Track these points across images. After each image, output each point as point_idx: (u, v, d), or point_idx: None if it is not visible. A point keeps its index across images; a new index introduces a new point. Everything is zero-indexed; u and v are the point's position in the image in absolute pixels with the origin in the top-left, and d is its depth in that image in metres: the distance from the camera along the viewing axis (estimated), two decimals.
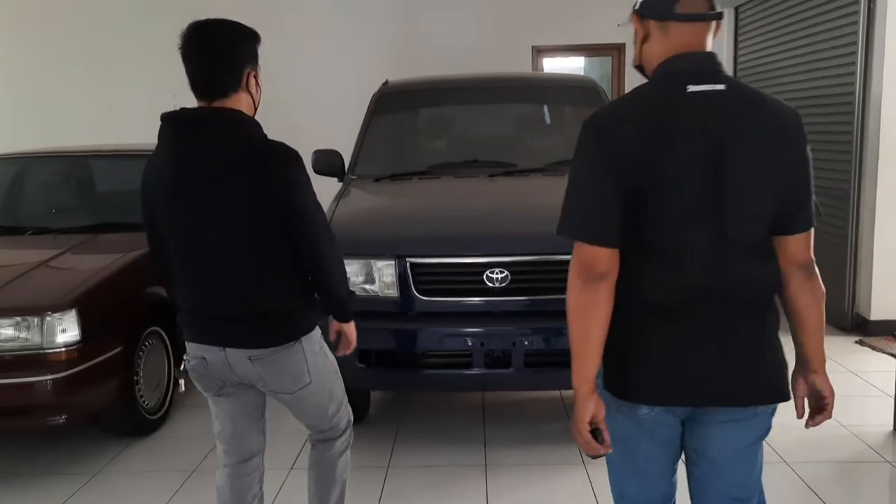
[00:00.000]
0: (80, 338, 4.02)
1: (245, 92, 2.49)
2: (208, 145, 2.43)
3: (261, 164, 2.42)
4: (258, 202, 2.44)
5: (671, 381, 2.00)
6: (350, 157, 5.30)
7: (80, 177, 5.97)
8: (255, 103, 2.55)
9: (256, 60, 2.53)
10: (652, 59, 2.00)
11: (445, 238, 4.07)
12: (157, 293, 4.78)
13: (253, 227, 2.47)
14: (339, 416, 2.94)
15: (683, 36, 1.96)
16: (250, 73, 2.50)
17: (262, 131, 2.50)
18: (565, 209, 2.00)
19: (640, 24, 2.02)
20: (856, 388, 5.10)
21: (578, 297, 1.96)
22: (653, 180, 1.89)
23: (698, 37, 1.97)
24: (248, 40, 2.52)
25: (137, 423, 4.58)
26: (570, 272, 1.98)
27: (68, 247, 4.89)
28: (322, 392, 2.78)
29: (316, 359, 2.70)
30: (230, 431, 2.80)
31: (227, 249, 2.50)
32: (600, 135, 1.93)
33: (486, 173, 4.91)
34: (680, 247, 1.93)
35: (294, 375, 2.65)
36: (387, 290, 3.97)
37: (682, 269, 1.93)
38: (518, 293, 3.92)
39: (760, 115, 1.95)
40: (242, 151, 2.43)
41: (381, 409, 4.91)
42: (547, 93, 5.88)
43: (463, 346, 3.89)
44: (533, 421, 4.68)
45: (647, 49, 2.02)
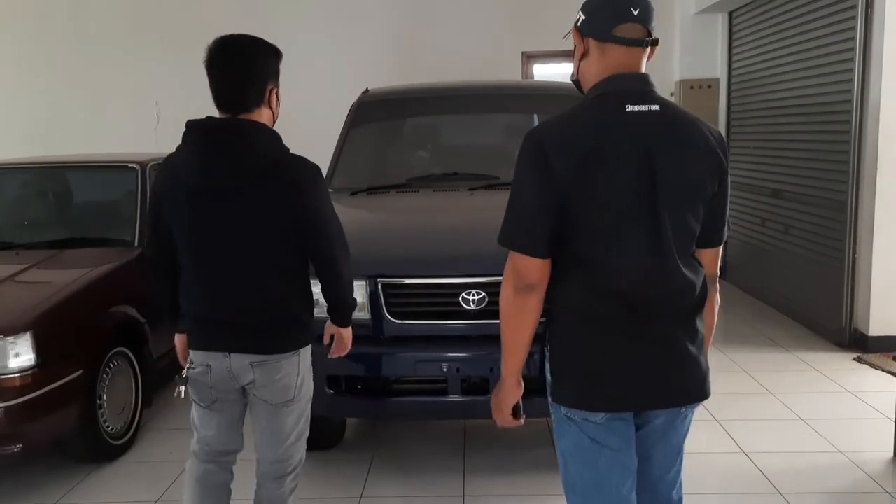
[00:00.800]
0: (36, 362, 3.82)
1: (266, 107, 2.61)
2: (235, 155, 2.52)
3: (284, 176, 2.54)
4: (280, 212, 2.56)
5: (621, 387, 2.10)
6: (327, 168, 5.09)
7: (48, 189, 5.78)
8: (274, 118, 2.66)
9: (278, 77, 2.64)
10: (589, 76, 2.12)
11: (419, 257, 3.86)
12: (124, 312, 4.61)
13: (273, 237, 2.59)
14: (295, 447, 2.90)
15: (621, 58, 2.06)
16: (272, 90, 2.62)
17: (284, 144, 2.60)
18: (504, 219, 2.12)
19: (581, 41, 2.13)
20: (854, 410, 4.89)
21: (509, 303, 2.14)
22: (587, 198, 2.00)
23: (634, 59, 2.07)
24: (272, 57, 2.63)
25: (100, 450, 4.35)
26: (503, 278, 2.14)
27: (30, 263, 4.69)
28: (298, 412, 2.83)
29: (305, 376, 2.81)
30: (212, 436, 2.85)
31: (246, 258, 2.61)
32: (538, 152, 2.02)
33: (467, 187, 4.71)
34: (618, 260, 2.03)
35: (285, 386, 2.73)
36: (357, 312, 3.72)
37: (621, 280, 2.04)
38: (496, 316, 3.66)
39: (690, 134, 2.06)
40: (267, 163, 2.53)
41: (356, 434, 4.70)
42: (531, 101, 5.67)
43: (438, 372, 3.68)
44: (515, 447, 4.46)
45: (584, 66, 2.14)
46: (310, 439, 4.31)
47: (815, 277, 6.56)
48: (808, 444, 4.38)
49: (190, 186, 2.55)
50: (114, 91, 9.35)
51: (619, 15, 2.04)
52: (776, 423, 4.71)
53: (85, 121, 9.35)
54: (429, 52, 9.12)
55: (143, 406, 4.75)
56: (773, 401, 5.04)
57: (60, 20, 9.49)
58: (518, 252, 2.08)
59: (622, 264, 2.03)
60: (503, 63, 9.07)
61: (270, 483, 2.88)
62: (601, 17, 2.07)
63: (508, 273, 2.12)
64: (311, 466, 4.28)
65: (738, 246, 8.59)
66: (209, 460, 2.89)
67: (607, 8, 2.07)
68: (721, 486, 3.96)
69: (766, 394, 5.18)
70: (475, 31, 9.22)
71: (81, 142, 8.41)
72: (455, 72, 8.02)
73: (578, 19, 2.12)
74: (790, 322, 6.93)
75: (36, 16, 9.50)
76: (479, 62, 8.79)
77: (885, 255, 5.81)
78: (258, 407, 2.78)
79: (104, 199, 5.70)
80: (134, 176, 5.28)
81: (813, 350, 6.08)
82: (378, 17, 9.32)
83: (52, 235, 5.22)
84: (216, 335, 2.68)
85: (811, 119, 6.71)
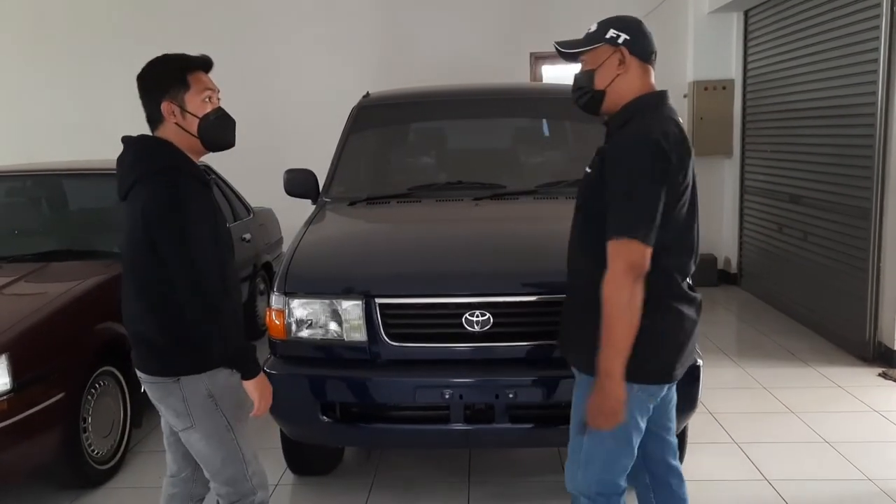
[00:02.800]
0: (12, 386, 3.60)
1: (168, 122, 2.58)
2: (119, 170, 2.63)
3: (138, 195, 2.51)
4: (134, 229, 2.53)
5: (680, 359, 2.53)
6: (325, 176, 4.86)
7: (36, 198, 5.57)
8: (187, 131, 2.58)
9: (172, 91, 2.56)
10: (627, 91, 2.49)
11: (419, 275, 3.60)
12: (112, 328, 4.37)
13: (133, 252, 2.58)
14: (231, 481, 2.75)
15: (651, 77, 2.54)
16: (168, 104, 2.56)
17: (168, 161, 2.54)
18: (621, 212, 2.34)
19: (624, 58, 2.48)
20: (883, 432, 4.62)
21: (629, 295, 2.31)
22: (680, 190, 2.40)
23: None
24: (164, 73, 2.58)
25: (85, 476, 4.12)
26: (614, 273, 2.32)
27: (14, 278, 4.47)
28: (207, 444, 2.70)
29: (201, 408, 2.64)
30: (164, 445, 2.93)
31: (125, 270, 2.67)
32: (660, 149, 2.34)
33: (472, 196, 4.45)
34: (689, 244, 2.51)
35: (175, 412, 2.67)
36: (353, 333, 3.51)
37: (691, 263, 2.53)
38: (501, 338, 3.45)
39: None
40: (133, 180, 2.55)
41: (355, 458, 4.44)
42: (539, 105, 5.42)
43: (439, 398, 3.41)
44: (520, 474, 4.21)
45: (624, 82, 2.49)
46: (306, 464, 4.17)
47: (836, 287, 6.30)
48: (835, 471, 4.12)
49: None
50: (112, 96, 9.14)
51: (652, 43, 2.54)
52: (799, 445, 4.44)
53: (82, 126, 9.19)
54: (434, 53, 8.90)
55: (133, 427, 4.53)
56: (794, 421, 4.78)
57: (58, 24, 9.32)
58: (642, 242, 2.30)
59: (692, 248, 2.51)
60: (511, 64, 8.85)
61: None
62: (646, 41, 2.51)
63: (623, 267, 2.30)
64: (307, 492, 4.11)
65: (753, 252, 8.34)
66: (167, 483, 2.97)
67: (645, 35, 2.52)
68: None
69: (786, 413, 4.91)
70: (482, 32, 9.00)
71: (79, 148, 8.24)
72: (461, 74, 7.86)
73: (618, 37, 2.48)
74: (810, 333, 6.66)
75: (34, 19, 9.34)
76: (485, 64, 8.59)
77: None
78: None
79: (94, 208, 5.48)
80: None
81: (835, 364, 5.81)
82: (381, 17, 9.10)
83: (38, 247, 5.00)
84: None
85: (832, 122, 6.44)
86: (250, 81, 8.60)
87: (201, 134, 2.58)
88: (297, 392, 3.53)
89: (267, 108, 8.88)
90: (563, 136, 5.39)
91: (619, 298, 2.30)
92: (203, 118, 2.57)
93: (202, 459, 2.75)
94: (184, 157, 2.59)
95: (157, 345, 2.62)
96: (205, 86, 2.59)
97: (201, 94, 2.57)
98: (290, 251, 3.86)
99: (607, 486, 2.59)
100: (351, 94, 5.64)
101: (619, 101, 2.50)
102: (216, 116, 2.60)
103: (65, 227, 5.41)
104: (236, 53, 2.45)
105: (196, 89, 2.56)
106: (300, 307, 3.57)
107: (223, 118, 2.63)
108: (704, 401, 4.88)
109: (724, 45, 8.60)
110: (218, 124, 2.61)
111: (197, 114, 2.57)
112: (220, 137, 2.64)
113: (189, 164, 2.60)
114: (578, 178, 4.58)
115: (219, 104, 2.63)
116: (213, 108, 2.61)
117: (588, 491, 2.59)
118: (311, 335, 3.58)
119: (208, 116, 2.58)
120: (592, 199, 2.49)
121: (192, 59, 2.61)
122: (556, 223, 4.17)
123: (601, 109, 2.56)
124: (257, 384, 2.64)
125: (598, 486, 2.58)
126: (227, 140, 2.67)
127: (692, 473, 4.03)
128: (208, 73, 2.63)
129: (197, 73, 2.58)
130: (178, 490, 2.91)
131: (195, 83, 2.57)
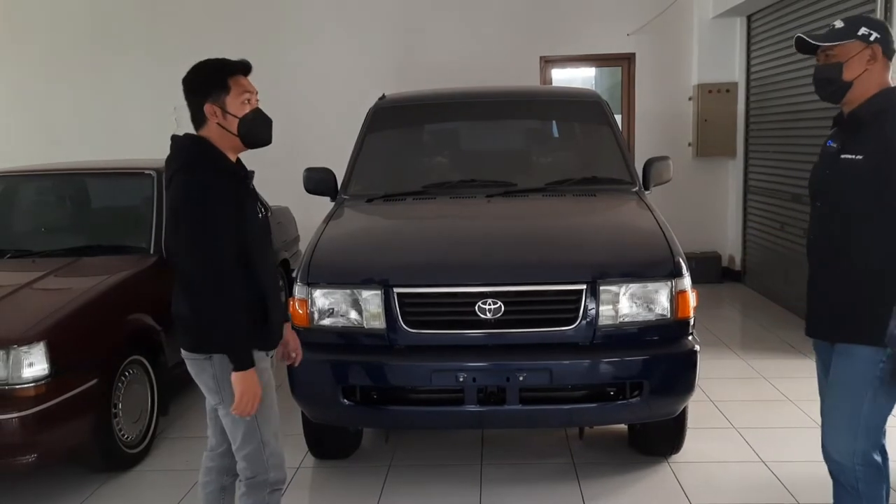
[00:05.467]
0: (50, 372, 3.81)
1: (211, 123, 2.78)
2: (165, 165, 2.88)
3: (172, 186, 2.78)
4: (169, 217, 2.87)
5: None
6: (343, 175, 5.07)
7: (67, 196, 5.77)
8: (228, 130, 2.78)
9: (216, 92, 2.76)
10: (870, 85, 2.73)
11: (434, 266, 3.82)
12: (140, 320, 4.59)
13: (169, 237, 3.05)
14: (249, 458, 2.90)
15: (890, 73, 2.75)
16: (210, 106, 2.76)
17: (202, 160, 2.76)
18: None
19: (876, 55, 2.70)
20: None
21: None
22: None
23: None
24: (201, 77, 2.80)
25: (115, 459, 4.34)
26: None
27: (47, 271, 4.67)
28: (231, 420, 2.86)
29: (229, 385, 2.76)
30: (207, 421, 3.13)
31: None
32: None
33: (484, 194, 4.65)
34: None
35: (208, 388, 2.89)
36: (373, 321, 3.72)
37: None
38: (512, 325, 3.66)
39: None
40: (170, 174, 2.80)
41: (373, 443, 4.65)
42: (548, 107, 5.63)
43: (454, 382, 3.62)
44: (532, 456, 4.42)
45: (870, 76, 2.72)
46: (326, 449, 4.37)
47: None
48: None
49: None
50: (133, 97, 9.36)
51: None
52: (794, 430, 4.64)
53: (105, 127, 9.38)
54: (446, 57, 9.06)
55: (160, 414, 4.75)
56: (791, 408, 4.97)
57: (80, 28, 9.49)
58: None
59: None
60: (521, 68, 9.01)
61: (240, 485, 2.97)
62: (892, 40, 2.72)
63: None
64: (327, 476, 4.30)
65: (756, 250, 8.52)
66: (206, 457, 3.18)
67: (892, 35, 2.73)
68: (739, 495, 3.90)
69: (784, 401, 5.11)
70: (493, 36, 9.16)
71: (101, 148, 8.47)
72: (472, 77, 8.02)
73: (870, 35, 2.68)
74: None
75: (57, 24, 9.50)
76: (496, 67, 8.74)
77: None
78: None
79: (121, 206, 5.69)
80: (150, 183, 5.28)
81: None
82: (395, 22, 9.27)
83: (69, 243, 5.20)
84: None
85: (832, 123, 6.60)
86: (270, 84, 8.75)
87: (241, 133, 2.78)
88: (319, 377, 3.74)
89: (287, 109, 9.06)
90: (571, 136, 5.60)
91: None
92: (242, 118, 2.77)
93: (229, 434, 2.94)
94: (216, 153, 2.80)
95: (189, 323, 2.83)
96: (244, 88, 2.78)
97: (240, 97, 2.76)
98: (312, 244, 4.07)
99: (878, 445, 2.84)
100: (368, 95, 5.82)
101: (864, 94, 2.74)
102: (254, 116, 2.79)
103: (94, 223, 5.60)
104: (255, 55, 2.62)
105: (235, 92, 2.76)
106: (322, 297, 3.79)
107: (261, 118, 2.83)
108: (706, 389, 5.12)
109: (727, 49, 8.76)
110: (256, 124, 2.81)
111: (237, 114, 2.76)
112: (258, 135, 2.84)
113: (221, 159, 2.80)
114: (585, 176, 4.88)
115: (257, 105, 2.82)
116: (252, 108, 2.80)
117: (863, 459, 2.80)
118: (333, 323, 3.80)
119: (247, 116, 2.77)
120: (861, 182, 2.70)
121: (233, 64, 2.80)
122: (563, 218, 4.42)
123: (843, 100, 2.79)
124: (241, 379, 2.70)
125: (875, 446, 2.82)
126: (263, 137, 2.86)
127: (693, 456, 4.27)
128: (248, 76, 2.83)
129: (236, 77, 2.78)
130: (215, 464, 3.11)
131: (235, 86, 2.76)
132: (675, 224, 4.24)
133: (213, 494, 3.12)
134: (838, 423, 2.84)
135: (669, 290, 3.69)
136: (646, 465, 4.24)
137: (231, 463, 3.05)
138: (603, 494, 3.95)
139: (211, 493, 3.12)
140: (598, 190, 4.77)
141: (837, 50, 2.74)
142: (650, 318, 3.70)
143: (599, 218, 4.49)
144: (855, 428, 2.78)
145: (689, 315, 3.73)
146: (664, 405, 3.78)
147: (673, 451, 4.28)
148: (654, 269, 3.75)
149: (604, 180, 4.89)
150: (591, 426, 4.35)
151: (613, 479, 4.12)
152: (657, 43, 8.96)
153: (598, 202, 4.65)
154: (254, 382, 2.73)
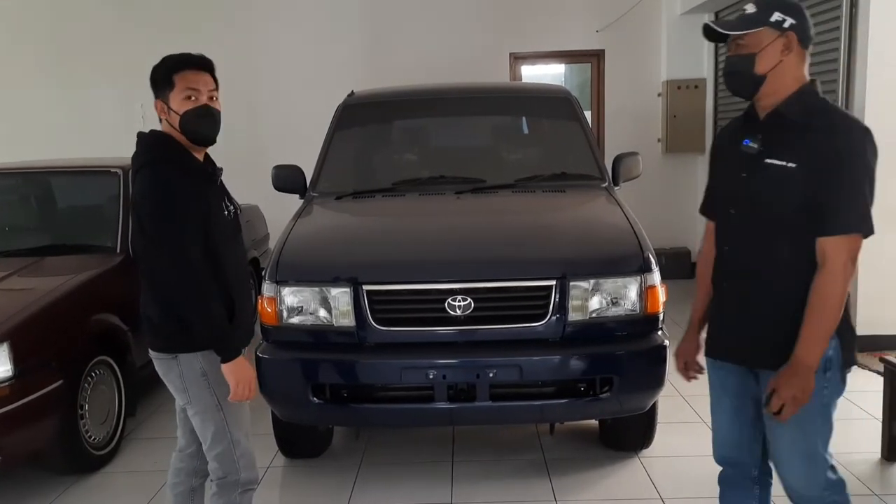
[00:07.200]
0: (13, 373, 3.77)
1: (162, 118, 2.83)
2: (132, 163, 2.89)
3: (135, 183, 2.79)
4: (136, 219, 2.80)
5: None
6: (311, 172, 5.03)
7: (31, 195, 5.70)
8: (174, 126, 2.78)
9: (160, 89, 2.79)
10: (788, 77, 2.41)
11: (404, 263, 3.81)
12: (107, 320, 4.54)
13: (134, 235, 2.90)
14: (219, 458, 2.88)
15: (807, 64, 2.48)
16: (157, 104, 2.82)
17: (157, 153, 2.77)
18: (855, 209, 2.31)
19: (790, 43, 2.39)
20: (840, 410, 4.78)
21: (847, 286, 2.34)
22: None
23: None
24: (153, 74, 2.81)
25: (82, 461, 4.30)
26: (838, 268, 2.31)
27: (10, 271, 4.62)
28: (200, 419, 2.87)
29: (196, 385, 2.81)
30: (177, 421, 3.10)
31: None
32: (874, 145, 2.33)
33: (454, 190, 4.64)
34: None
35: (175, 388, 2.89)
36: (342, 318, 3.70)
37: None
38: (482, 322, 3.65)
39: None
40: (134, 171, 2.81)
41: (344, 441, 4.63)
42: (518, 104, 5.63)
43: (424, 379, 3.61)
44: (502, 453, 4.42)
45: (787, 66, 2.40)
46: (296, 447, 4.35)
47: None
48: None
49: None
50: (99, 95, 9.25)
51: (812, 28, 2.45)
52: None
53: (70, 125, 9.24)
54: (415, 53, 9.04)
55: (127, 415, 4.69)
56: None
57: (44, 22, 9.36)
58: (864, 236, 2.34)
59: None
60: (491, 64, 9.01)
61: (212, 485, 2.96)
62: (809, 26, 2.43)
63: (848, 261, 2.31)
64: (297, 475, 4.27)
65: None
66: (177, 458, 3.15)
67: (808, 20, 2.43)
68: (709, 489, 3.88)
69: None
70: (462, 32, 9.14)
71: (68, 146, 8.33)
72: (442, 73, 7.97)
73: (783, 21, 2.37)
74: None
75: (18, 17, 9.36)
76: (465, 63, 8.73)
77: (870, 255, 5.71)
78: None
79: (87, 204, 5.63)
80: (116, 181, 5.22)
81: None
82: (361, 17, 9.23)
83: (33, 242, 5.15)
84: None
85: None
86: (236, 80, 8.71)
87: (182, 129, 2.75)
88: (288, 375, 3.73)
89: (256, 106, 9.01)
90: (541, 132, 5.60)
91: (843, 292, 2.33)
92: (183, 114, 2.73)
93: (199, 434, 2.92)
94: (180, 149, 2.78)
95: (156, 323, 2.82)
96: (188, 84, 2.73)
97: (183, 93, 2.73)
98: (281, 242, 4.04)
99: (829, 462, 2.58)
100: (336, 92, 5.78)
101: (780, 89, 2.43)
102: (195, 114, 2.74)
103: (59, 222, 5.54)
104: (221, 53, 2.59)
105: (179, 87, 2.73)
106: (291, 294, 3.76)
107: (202, 115, 2.76)
108: (676, 384, 5.11)
109: (695, 45, 8.80)
110: (195, 121, 2.75)
111: (178, 111, 2.73)
112: (199, 132, 2.77)
113: (184, 155, 2.79)
114: (554, 172, 4.87)
115: (207, 102, 2.77)
116: (196, 105, 2.74)
117: (826, 483, 2.56)
118: (302, 321, 3.77)
119: (188, 113, 2.73)
120: (790, 192, 2.38)
121: (182, 60, 2.77)
122: (532, 214, 4.42)
123: (757, 95, 2.48)
124: (233, 368, 2.72)
125: (831, 471, 2.57)
126: (203, 135, 2.79)
127: (664, 451, 4.29)
128: (207, 73, 2.79)
129: (184, 73, 2.74)
130: (184, 465, 3.08)
131: (180, 82, 2.73)
132: (645, 220, 4.25)
133: (182, 496, 3.09)
134: (798, 462, 2.57)
135: (639, 286, 3.70)
136: (616, 460, 4.26)
137: (201, 465, 3.03)
138: (574, 489, 3.96)
139: (180, 494, 3.09)
140: (568, 186, 4.77)
141: (748, 39, 2.41)
142: (620, 313, 3.71)
143: (569, 214, 4.49)
144: (815, 460, 2.54)
145: (658, 310, 3.74)
146: (634, 400, 3.79)
147: (643, 445, 4.31)
148: (624, 264, 3.76)
149: (573, 176, 4.89)
150: (562, 422, 4.37)
151: (584, 474, 4.13)
152: (626, 39, 8.99)
153: (568, 198, 4.65)
154: (245, 369, 2.76)
